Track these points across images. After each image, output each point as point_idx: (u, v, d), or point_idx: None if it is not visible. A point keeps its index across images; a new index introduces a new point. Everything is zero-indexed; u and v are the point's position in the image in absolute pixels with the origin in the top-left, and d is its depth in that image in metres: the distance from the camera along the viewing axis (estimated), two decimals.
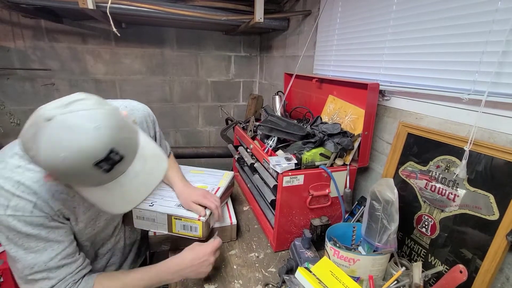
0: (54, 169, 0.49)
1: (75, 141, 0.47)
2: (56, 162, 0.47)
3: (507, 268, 0.65)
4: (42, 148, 0.47)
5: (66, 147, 0.47)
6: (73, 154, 0.47)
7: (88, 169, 0.49)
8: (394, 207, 0.74)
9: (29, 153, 0.49)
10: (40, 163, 0.49)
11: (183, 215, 0.87)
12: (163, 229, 0.90)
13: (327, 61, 1.34)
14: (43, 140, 0.47)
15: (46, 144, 0.47)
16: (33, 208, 0.60)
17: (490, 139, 0.67)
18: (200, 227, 0.86)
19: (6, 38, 1.77)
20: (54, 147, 0.47)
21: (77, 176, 0.51)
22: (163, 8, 1.43)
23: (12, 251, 0.61)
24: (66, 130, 0.47)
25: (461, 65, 0.73)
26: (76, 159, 0.48)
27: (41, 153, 0.47)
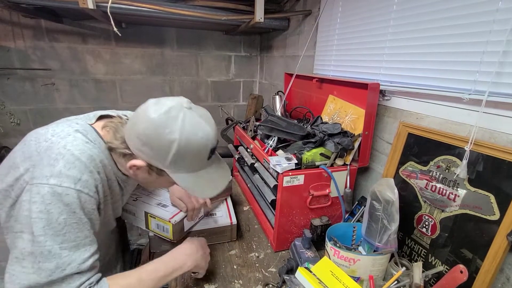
0: (190, 144, 0.58)
1: (207, 127, 0.61)
2: (194, 139, 0.58)
3: (508, 268, 0.64)
4: (187, 127, 0.57)
5: (203, 130, 0.59)
6: (205, 136, 0.60)
7: (204, 152, 0.62)
8: (395, 207, 0.74)
9: (165, 131, 0.56)
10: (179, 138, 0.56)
11: (157, 215, 0.87)
12: (142, 224, 0.91)
13: (327, 61, 1.34)
14: (187, 122, 0.57)
15: (191, 126, 0.58)
16: (95, 188, 0.60)
17: (490, 139, 0.67)
18: (170, 228, 0.86)
19: (6, 38, 1.77)
20: (196, 128, 0.58)
21: (195, 155, 0.61)
22: (164, 8, 1.43)
23: (48, 244, 0.53)
24: (201, 118, 0.60)
25: (461, 65, 0.72)
26: (206, 140, 0.60)
27: (186, 131, 0.57)
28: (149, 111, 0.57)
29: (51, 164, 0.55)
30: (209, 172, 0.67)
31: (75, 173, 0.56)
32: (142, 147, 0.59)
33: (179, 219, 0.87)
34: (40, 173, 0.55)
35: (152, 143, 0.57)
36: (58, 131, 0.61)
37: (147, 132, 0.57)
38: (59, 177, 0.54)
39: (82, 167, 0.57)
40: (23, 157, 0.58)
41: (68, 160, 0.56)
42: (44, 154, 0.57)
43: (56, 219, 0.54)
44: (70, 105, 2.02)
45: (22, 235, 0.54)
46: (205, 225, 0.98)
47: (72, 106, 2.03)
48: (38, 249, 0.53)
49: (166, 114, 0.57)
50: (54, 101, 1.98)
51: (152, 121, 0.56)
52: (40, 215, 0.53)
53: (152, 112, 0.57)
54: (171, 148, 0.57)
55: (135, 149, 0.60)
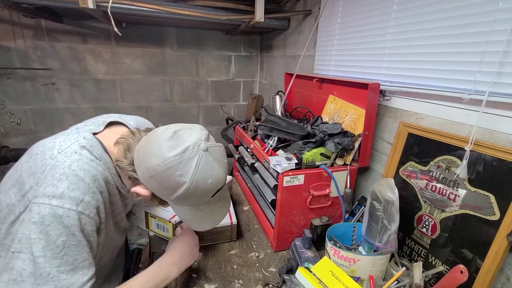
0: (197, 189, 0.58)
1: (219, 171, 0.60)
2: (203, 184, 0.58)
3: (508, 269, 0.64)
4: (199, 172, 0.57)
5: (214, 175, 0.59)
6: (215, 181, 0.60)
7: (210, 193, 0.61)
8: (395, 207, 0.74)
9: (176, 173, 0.56)
10: (189, 182, 0.56)
11: (157, 215, 0.88)
12: (142, 224, 0.92)
13: (327, 61, 1.34)
14: (201, 166, 0.57)
15: (203, 170, 0.57)
16: (96, 210, 0.59)
17: (491, 139, 0.67)
18: (170, 228, 0.86)
19: (6, 37, 1.77)
20: (207, 173, 0.58)
21: (201, 196, 0.61)
22: (164, 8, 1.43)
23: (47, 266, 0.52)
24: (215, 161, 0.60)
25: (462, 65, 0.72)
26: (215, 185, 0.60)
27: (197, 175, 0.57)
28: (164, 148, 0.56)
29: (55, 184, 0.54)
30: (210, 206, 0.67)
31: (78, 195, 0.55)
32: (150, 179, 0.59)
33: (179, 219, 0.87)
34: (43, 192, 0.54)
35: (160, 180, 0.57)
36: (64, 147, 0.60)
37: (157, 169, 0.56)
38: (61, 199, 0.54)
39: (85, 188, 0.57)
40: (29, 172, 0.57)
41: (71, 181, 0.56)
42: (48, 173, 0.56)
43: (55, 241, 0.53)
44: (70, 105, 2.02)
45: (20, 255, 0.52)
46: None
47: (72, 106, 2.03)
48: (38, 271, 0.52)
49: (181, 156, 0.56)
50: (55, 101, 1.98)
51: (165, 160, 0.56)
52: (40, 236, 0.52)
53: (167, 149, 0.56)
54: (179, 189, 0.58)
55: (142, 178, 0.60)
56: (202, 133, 0.60)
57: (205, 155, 0.58)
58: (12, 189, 0.58)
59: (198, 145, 0.58)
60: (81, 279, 0.56)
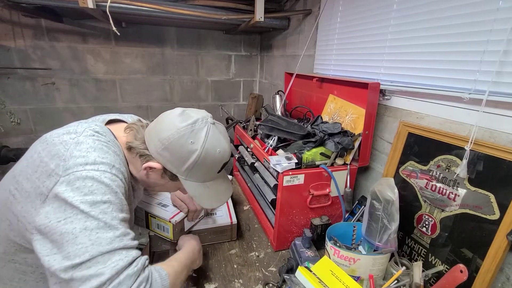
0: (207, 156, 0.63)
1: (225, 143, 0.67)
2: (212, 153, 0.64)
3: (508, 268, 0.64)
4: (209, 141, 0.63)
5: (221, 146, 0.66)
6: (222, 151, 0.66)
7: (218, 166, 0.68)
8: (395, 207, 0.74)
9: (188, 141, 0.61)
10: (200, 150, 0.62)
11: (157, 214, 0.88)
12: (142, 224, 0.92)
13: (327, 60, 1.34)
14: (210, 135, 0.63)
15: (212, 140, 0.64)
16: (124, 178, 0.60)
17: (490, 139, 0.67)
18: (170, 228, 0.86)
19: (6, 37, 1.77)
20: (215, 143, 0.64)
21: (209, 167, 0.67)
22: (163, 8, 1.42)
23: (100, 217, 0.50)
24: (221, 134, 0.67)
25: (462, 64, 0.72)
26: (222, 155, 0.66)
27: (207, 143, 0.62)
28: (176, 120, 0.63)
29: (84, 155, 0.55)
30: (216, 184, 0.72)
31: (109, 161, 0.57)
32: (163, 151, 0.62)
33: (180, 219, 0.87)
34: (74, 163, 0.53)
35: (173, 150, 0.62)
36: (80, 130, 0.61)
37: (171, 138, 0.61)
38: (95, 164, 0.55)
39: (113, 158, 0.59)
40: (51, 155, 0.55)
41: (100, 152, 0.57)
42: (74, 149, 0.56)
43: (101, 199, 0.52)
44: (70, 104, 2.02)
45: (66, 221, 0.49)
46: (205, 225, 0.98)
47: (72, 105, 2.03)
48: (93, 223, 0.50)
49: (192, 126, 0.62)
50: (54, 101, 1.98)
51: (178, 129, 0.61)
52: (85, 198, 0.51)
53: (179, 121, 0.62)
54: (190, 157, 0.62)
55: (154, 152, 0.63)
56: (208, 114, 0.68)
57: (213, 127, 0.65)
58: (34, 175, 0.55)
59: (206, 118, 0.65)
60: (132, 233, 0.56)
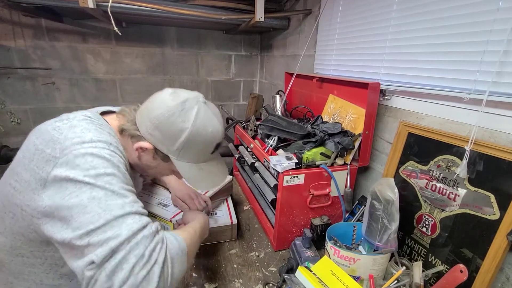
0: (198, 135, 0.62)
1: (217, 123, 0.65)
2: (204, 132, 0.62)
3: (508, 268, 0.65)
4: (200, 120, 0.61)
5: (213, 125, 0.64)
6: (215, 131, 0.64)
7: (210, 146, 0.66)
8: (395, 207, 0.74)
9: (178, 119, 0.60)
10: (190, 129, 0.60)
11: (158, 214, 0.88)
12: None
13: (327, 60, 1.34)
14: (201, 114, 0.62)
15: (203, 118, 0.62)
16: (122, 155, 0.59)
17: (490, 139, 0.67)
18: (171, 228, 0.86)
19: (6, 37, 1.76)
20: (207, 122, 0.63)
21: (201, 147, 0.65)
22: (164, 7, 1.43)
23: (107, 187, 0.49)
24: (213, 114, 0.65)
25: (462, 64, 0.72)
26: (214, 135, 0.64)
27: (198, 122, 0.61)
28: (167, 99, 0.62)
29: (79, 136, 0.54)
30: (210, 166, 0.70)
31: (106, 138, 0.57)
32: (153, 130, 0.62)
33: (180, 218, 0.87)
34: (71, 143, 0.52)
35: (163, 128, 0.61)
36: (72, 116, 0.60)
37: (161, 117, 0.60)
38: (92, 142, 0.54)
39: (109, 137, 0.58)
40: (45, 142, 0.54)
41: (95, 131, 0.57)
42: (68, 132, 0.55)
43: (104, 171, 0.51)
44: (70, 104, 2.02)
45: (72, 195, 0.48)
46: None
47: (72, 105, 2.03)
48: (101, 192, 0.48)
49: (182, 104, 0.61)
50: (55, 100, 1.98)
51: (168, 108, 0.60)
52: (88, 172, 0.49)
53: (170, 100, 0.61)
54: (181, 136, 0.61)
55: (145, 132, 0.63)
56: (200, 94, 0.66)
57: (204, 106, 0.63)
58: (31, 163, 0.53)
59: (197, 98, 0.63)
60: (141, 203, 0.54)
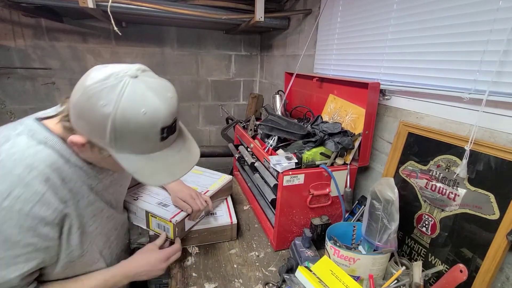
0: (128, 121, 0.49)
1: (156, 101, 0.51)
2: (134, 114, 0.49)
3: (507, 268, 0.65)
4: (124, 100, 0.48)
5: (149, 105, 0.50)
6: (151, 112, 0.50)
7: (153, 132, 0.53)
8: (395, 207, 0.74)
9: (98, 103, 0.48)
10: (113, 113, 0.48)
11: (158, 214, 0.87)
12: (142, 224, 0.92)
13: (327, 60, 1.34)
14: (126, 93, 0.49)
15: (130, 98, 0.49)
16: (35, 204, 0.52)
17: (490, 139, 0.67)
18: (171, 228, 0.86)
19: (6, 37, 1.77)
20: (137, 102, 0.49)
21: (140, 136, 0.52)
22: (164, 7, 1.43)
23: None
24: (150, 90, 0.51)
25: (462, 64, 0.72)
26: (152, 117, 0.51)
27: (122, 103, 0.48)
28: (87, 78, 0.50)
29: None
30: (165, 155, 0.58)
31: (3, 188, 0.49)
32: (78, 120, 0.52)
33: (180, 219, 0.87)
34: None
35: (86, 116, 0.50)
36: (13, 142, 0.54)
37: (80, 102, 0.49)
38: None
39: (14, 181, 0.50)
40: None
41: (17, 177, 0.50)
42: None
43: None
44: None
45: None
46: (206, 225, 0.98)
47: None
48: None
49: (101, 82, 0.48)
50: (55, 100, 1.98)
51: (86, 89, 0.49)
52: None
53: (90, 78, 0.49)
54: (106, 123, 0.49)
55: (74, 123, 0.53)
56: (137, 66, 0.53)
57: (133, 82, 0.50)
58: None
59: (125, 71, 0.50)
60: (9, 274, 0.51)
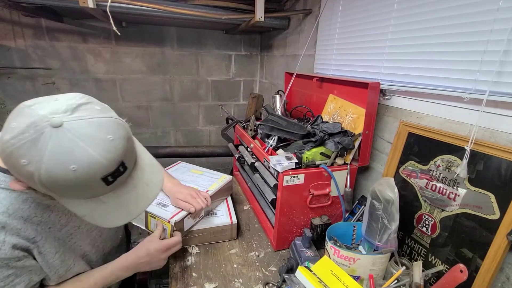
0: (56, 180, 0.44)
1: (89, 153, 0.44)
2: (62, 173, 0.43)
3: (508, 268, 0.64)
4: (48, 158, 0.42)
5: (79, 160, 0.43)
6: (84, 167, 0.44)
7: (93, 183, 0.46)
8: (395, 207, 0.74)
9: (20, 160, 0.42)
10: (37, 172, 0.43)
11: (157, 215, 0.87)
12: (141, 224, 0.92)
13: (327, 60, 1.34)
14: (49, 148, 0.42)
15: (54, 154, 0.42)
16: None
17: (491, 139, 0.67)
18: (169, 229, 0.86)
19: (6, 37, 1.77)
20: (64, 157, 0.43)
21: (78, 188, 0.46)
22: (164, 7, 1.42)
23: None
24: (78, 140, 0.43)
25: (462, 64, 0.72)
26: (87, 172, 0.44)
27: (45, 162, 0.42)
28: (7, 128, 0.44)
29: None
30: (117, 196, 0.52)
31: None
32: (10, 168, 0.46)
33: (179, 219, 0.87)
34: None
35: (12, 170, 0.46)
36: None
37: (3, 156, 0.44)
38: None
39: None
40: None
41: None
42: None
43: None
44: None
45: None
46: (206, 225, 0.98)
47: None
48: None
49: (19, 137, 0.42)
50: None
51: (4, 145, 0.43)
52: None
53: (9, 130, 0.43)
54: (34, 179, 0.43)
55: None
56: (70, 103, 0.45)
57: (57, 133, 0.42)
58: None
59: (47, 120, 0.43)
60: None
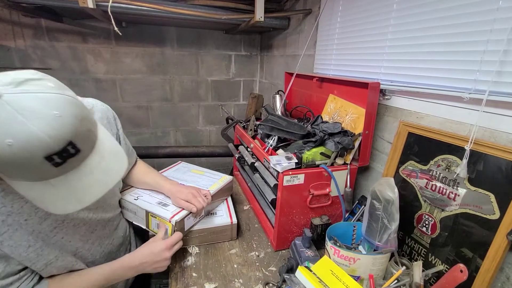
0: None
1: (27, 127, 0.41)
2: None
3: (508, 268, 0.64)
4: None
5: (15, 133, 0.40)
6: (22, 142, 0.41)
7: (36, 162, 0.43)
8: (395, 206, 0.74)
9: None
10: None
11: (158, 214, 0.87)
12: (142, 223, 0.92)
13: (327, 60, 1.34)
14: None
15: None
16: None
17: (491, 139, 0.67)
18: (170, 228, 0.86)
19: (6, 37, 1.77)
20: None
21: (19, 167, 0.43)
22: (164, 7, 1.43)
23: None
24: (17, 113, 0.40)
25: (462, 64, 0.72)
26: (25, 148, 0.41)
27: None
28: None
29: None
30: (69, 179, 0.49)
31: None
32: None
33: (180, 219, 0.87)
34: None
35: None
36: None
37: None
38: None
39: None
40: None
41: None
42: None
43: None
44: None
45: None
46: (206, 225, 0.98)
47: None
48: None
49: None
50: None
51: None
52: None
53: None
54: None
55: None
56: (16, 77, 0.43)
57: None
58: None
59: None
60: None
